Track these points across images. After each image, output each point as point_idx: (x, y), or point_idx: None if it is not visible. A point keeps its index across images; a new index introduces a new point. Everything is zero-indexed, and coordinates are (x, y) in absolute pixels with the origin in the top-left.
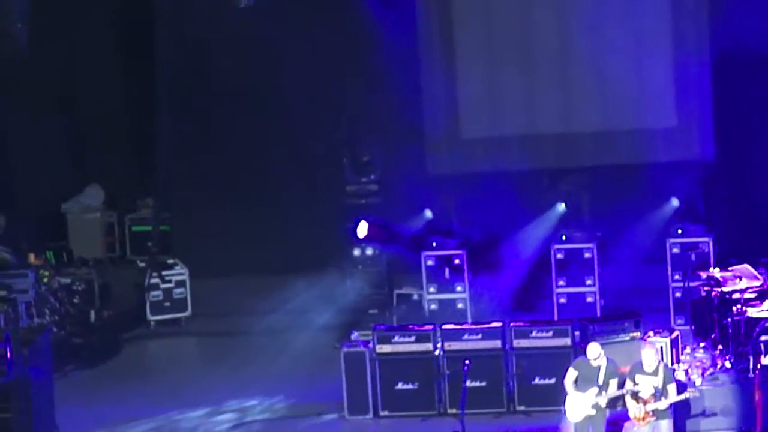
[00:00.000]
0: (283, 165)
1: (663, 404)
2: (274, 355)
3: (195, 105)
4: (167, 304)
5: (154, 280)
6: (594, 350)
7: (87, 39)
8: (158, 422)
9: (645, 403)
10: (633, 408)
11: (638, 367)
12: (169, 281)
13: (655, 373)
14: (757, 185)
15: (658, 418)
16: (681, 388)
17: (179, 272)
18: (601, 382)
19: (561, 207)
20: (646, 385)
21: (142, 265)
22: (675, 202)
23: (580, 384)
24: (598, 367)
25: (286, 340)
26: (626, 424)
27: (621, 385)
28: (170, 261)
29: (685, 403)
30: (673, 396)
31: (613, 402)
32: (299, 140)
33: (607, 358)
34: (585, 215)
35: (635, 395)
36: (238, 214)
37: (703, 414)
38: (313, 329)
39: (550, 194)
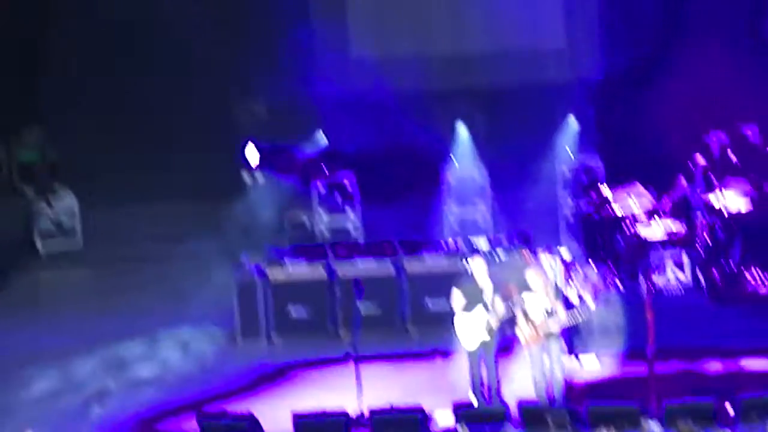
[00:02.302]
0: (171, 91)
1: (553, 325)
2: (165, 283)
3: (79, 32)
4: (56, 233)
5: (42, 210)
6: (479, 266)
7: None
8: (50, 352)
9: (534, 323)
10: (523, 329)
11: (526, 287)
12: (58, 210)
13: (543, 292)
14: (645, 104)
15: (548, 338)
16: (570, 308)
17: (68, 201)
18: (487, 301)
19: (460, 127)
20: (535, 305)
21: (31, 194)
22: (572, 121)
23: (467, 306)
24: (484, 287)
25: (177, 267)
26: (518, 346)
27: (508, 304)
28: (59, 190)
29: (576, 322)
30: (562, 316)
31: (503, 323)
32: (187, 65)
33: (492, 278)
34: (477, 137)
35: (525, 316)
36: (126, 143)
37: (594, 333)
38: (204, 255)
39: (442, 115)
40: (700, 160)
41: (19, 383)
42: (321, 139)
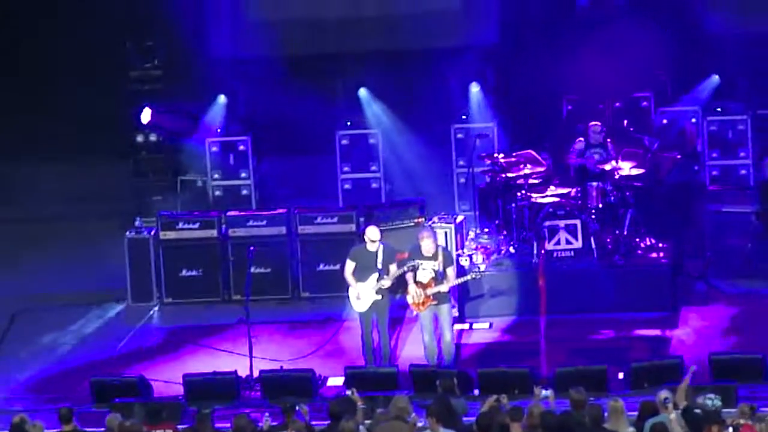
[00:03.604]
0: (64, 47)
1: (443, 287)
2: (57, 242)
3: None
4: None
5: None
6: (373, 232)
7: None
8: None
9: (425, 287)
10: (413, 294)
11: (417, 252)
12: None
13: (434, 257)
14: (541, 71)
15: (438, 303)
16: (461, 272)
17: None
18: (380, 267)
19: (362, 92)
20: (426, 270)
21: None
22: (467, 86)
23: (359, 273)
24: (375, 253)
25: (69, 227)
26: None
27: (400, 268)
28: None
29: (467, 286)
30: (452, 279)
31: (395, 288)
32: (81, 23)
33: (384, 244)
34: (373, 102)
35: (416, 280)
36: (19, 98)
37: (484, 296)
38: (97, 216)
39: (337, 79)
40: (596, 127)
41: None
42: (217, 101)
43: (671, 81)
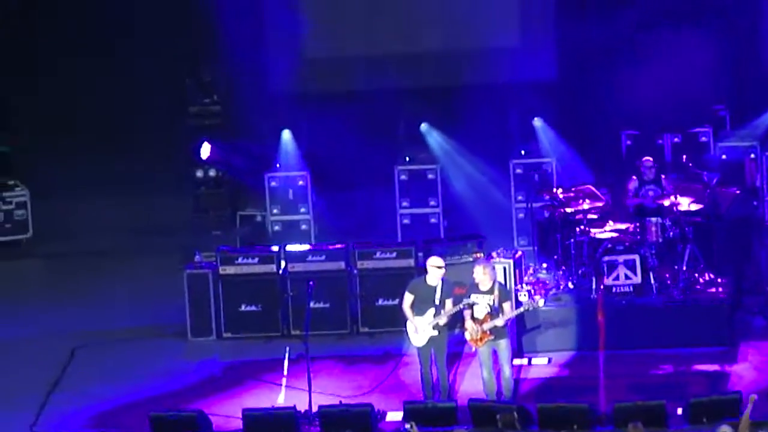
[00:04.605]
0: (123, 85)
1: (500, 322)
2: (116, 277)
3: (30, 24)
4: (7, 225)
5: None
6: (437, 260)
7: None
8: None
9: (481, 323)
10: (470, 330)
11: (474, 287)
12: (10, 203)
13: (490, 291)
14: (598, 106)
15: (496, 338)
16: (518, 306)
17: (20, 193)
18: (437, 302)
19: (423, 127)
20: (483, 305)
21: None
22: (537, 122)
23: (417, 306)
24: (434, 288)
25: (129, 262)
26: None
27: (457, 304)
28: (10, 182)
29: (523, 319)
30: (508, 313)
31: (452, 323)
32: (140, 61)
33: (443, 279)
34: (431, 137)
35: (474, 316)
36: (78, 135)
37: (541, 330)
38: (156, 251)
39: (395, 114)
40: (648, 163)
41: None
42: (282, 136)
43: (730, 116)
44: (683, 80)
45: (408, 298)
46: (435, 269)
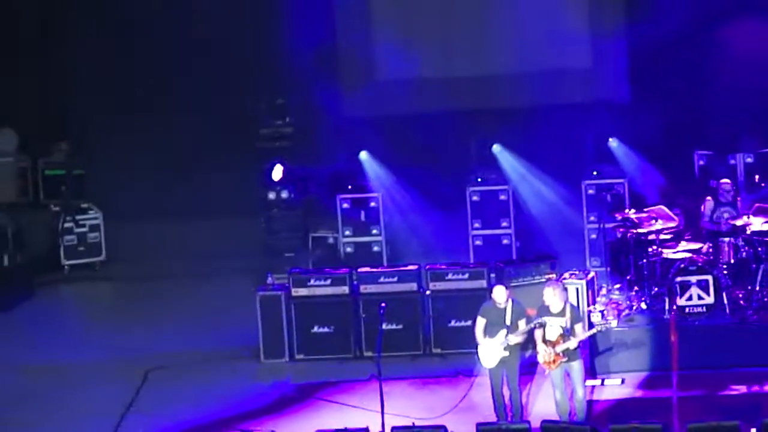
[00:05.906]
0: (196, 107)
1: (572, 344)
2: (189, 300)
3: (108, 48)
4: (81, 248)
5: (68, 225)
6: (500, 293)
7: None
8: (72, 367)
9: (554, 345)
10: (543, 352)
11: (545, 309)
12: (83, 225)
13: (561, 313)
14: (671, 125)
15: (569, 360)
16: (590, 327)
17: (93, 216)
18: (509, 323)
19: (495, 148)
20: (555, 327)
21: (56, 209)
22: (613, 142)
23: (489, 329)
24: (505, 310)
25: (201, 284)
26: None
27: (529, 325)
28: (84, 205)
29: (595, 340)
30: (580, 335)
31: (524, 344)
32: (212, 83)
33: (513, 300)
34: (502, 158)
35: (545, 337)
36: (152, 158)
37: (613, 350)
38: (228, 273)
39: (468, 135)
40: (726, 185)
41: (45, 400)
42: (349, 159)
43: None
44: (757, 100)
45: (480, 322)
46: (500, 295)
